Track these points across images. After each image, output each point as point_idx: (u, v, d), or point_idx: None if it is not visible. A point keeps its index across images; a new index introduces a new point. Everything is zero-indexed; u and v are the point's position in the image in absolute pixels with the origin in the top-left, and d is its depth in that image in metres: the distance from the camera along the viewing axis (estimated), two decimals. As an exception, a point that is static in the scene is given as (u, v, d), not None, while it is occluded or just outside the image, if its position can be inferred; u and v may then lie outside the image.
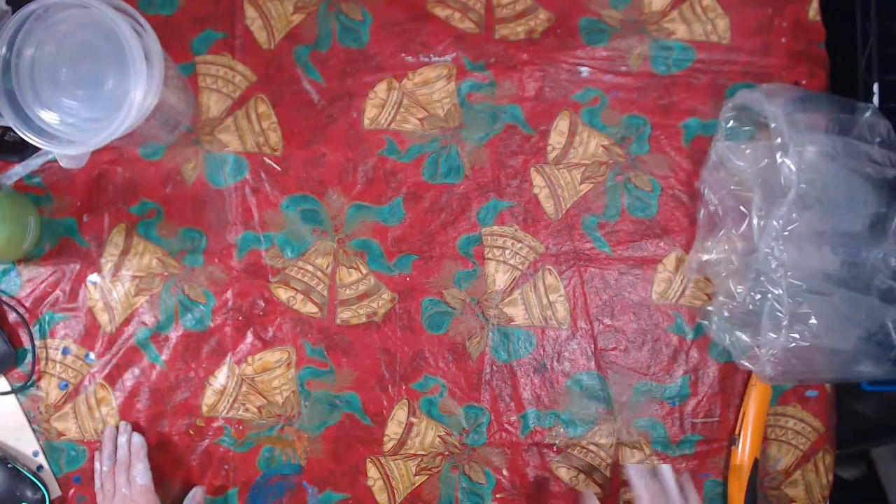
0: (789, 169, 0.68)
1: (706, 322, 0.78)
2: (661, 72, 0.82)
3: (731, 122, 0.78)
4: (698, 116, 0.81)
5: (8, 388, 0.78)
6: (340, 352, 0.79)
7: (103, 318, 0.79)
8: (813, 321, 0.68)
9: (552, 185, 0.81)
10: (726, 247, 0.75)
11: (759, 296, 0.71)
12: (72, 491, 0.78)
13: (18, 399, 0.78)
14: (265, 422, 0.79)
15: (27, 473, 0.75)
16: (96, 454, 0.77)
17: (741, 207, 0.74)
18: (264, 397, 0.79)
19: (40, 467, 0.78)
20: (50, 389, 0.78)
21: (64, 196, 0.79)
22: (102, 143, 0.61)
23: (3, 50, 0.61)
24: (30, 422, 0.78)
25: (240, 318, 0.79)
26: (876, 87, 0.76)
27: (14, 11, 0.62)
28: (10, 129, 0.62)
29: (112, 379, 0.79)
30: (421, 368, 0.79)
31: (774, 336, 0.69)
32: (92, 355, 0.79)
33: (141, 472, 0.74)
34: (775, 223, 0.68)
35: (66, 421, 0.78)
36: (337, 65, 0.81)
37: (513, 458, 0.79)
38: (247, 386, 0.79)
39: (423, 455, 0.79)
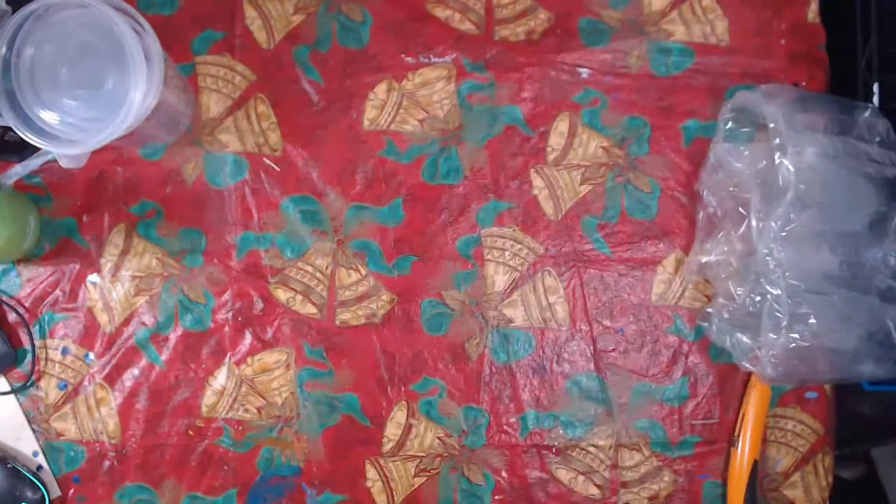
0: (788, 170, 0.68)
1: (706, 324, 0.78)
2: (660, 73, 0.82)
3: (730, 123, 0.78)
4: (698, 118, 0.81)
5: (7, 388, 0.78)
6: (339, 353, 0.79)
7: (103, 318, 0.79)
8: (812, 321, 0.68)
9: (552, 186, 0.81)
10: (725, 248, 0.75)
11: (758, 297, 0.71)
12: (71, 491, 0.78)
13: (18, 399, 0.78)
14: (264, 423, 0.79)
15: (27, 473, 0.75)
16: None
17: (740, 209, 0.74)
18: (263, 398, 0.79)
19: (40, 467, 0.78)
20: (49, 389, 0.78)
21: (64, 196, 0.79)
22: (102, 143, 0.61)
23: (3, 50, 0.61)
24: (29, 422, 0.78)
25: (239, 318, 0.79)
26: (876, 87, 0.76)
27: (14, 11, 0.62)
28: (10, 129, 0.62)
29: (111, 379, 0.79)
30: (420, 370, 0.79)
31: (774, 337, 0.69)
32: (91, 355, 0.79)
33: None
34: (773, 224, 0.68)
35: (65, 421, 0.78)
36: (337, 65, 0.81)
37: (512, 459, 0.79)
38: (246, 387, 0.79)
39: (422, 456, 0.79)
